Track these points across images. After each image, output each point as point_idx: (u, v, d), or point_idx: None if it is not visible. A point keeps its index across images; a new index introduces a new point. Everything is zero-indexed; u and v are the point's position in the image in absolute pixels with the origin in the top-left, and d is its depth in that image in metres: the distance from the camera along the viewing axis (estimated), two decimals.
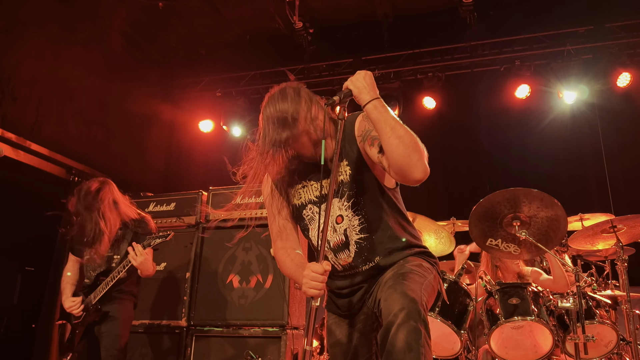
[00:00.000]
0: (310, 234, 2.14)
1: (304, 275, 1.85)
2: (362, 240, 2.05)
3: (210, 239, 4.49)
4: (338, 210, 2.07)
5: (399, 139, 1.83)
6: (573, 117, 6.34)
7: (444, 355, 3.53)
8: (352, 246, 2.06)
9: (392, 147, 1.83)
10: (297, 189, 2.16)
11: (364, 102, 1.90)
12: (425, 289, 1.87)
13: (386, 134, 1.84)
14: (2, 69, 5.03)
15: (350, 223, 2.05)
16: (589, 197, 6.12)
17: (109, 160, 6.23)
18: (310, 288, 1.82)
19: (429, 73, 6.57)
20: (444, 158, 6.91)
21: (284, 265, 2.11)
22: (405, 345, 1.67)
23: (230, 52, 7.21)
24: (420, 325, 1.70)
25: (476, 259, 4.44)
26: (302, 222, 2.17)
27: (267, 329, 4.05)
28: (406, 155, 1.82)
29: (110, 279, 3.41)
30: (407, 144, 1.83)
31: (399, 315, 1.71)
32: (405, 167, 1.84)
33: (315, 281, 1.82)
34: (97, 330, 3.43)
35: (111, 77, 6.33)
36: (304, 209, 2.15)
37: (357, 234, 2.05)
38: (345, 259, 2.08)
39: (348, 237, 2.06)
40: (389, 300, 1.80)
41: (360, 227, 2.05)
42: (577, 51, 6.16)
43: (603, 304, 3.54)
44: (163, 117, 7.41)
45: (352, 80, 1.95)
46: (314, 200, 2.11)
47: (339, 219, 2.06)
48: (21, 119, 5.20)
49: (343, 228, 2.06)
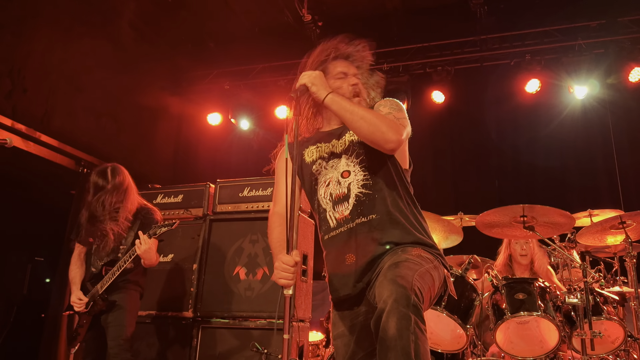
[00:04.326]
0: (317, 186, 2.25)
1: (275, 266, 2.00)
2: (363, 195, 2.12)
3: (217, 231, 4.51)
4: (345, 166, 2.18)
5: (362, 119, 2.03)
6: (584, 112, 6.28)
7: (450, 349, 3.52)
8: (352, 199, 2.12)
9: (359, 129, 2.05)
10: (311, 149, 2.31)
11: (323, 97, 2.10)
12: (419, 275, 1.84)
13: (349, 119, 2.06)
14: (13, 61, 5.06)
15: (355, 177, 2.15)
16: (599, 193, 6.07)
17: (117, 152, 6.26)
18: (280, 278, 1.97)
19: (438, 67, 6.52)
20: (453, 152, 6.88)
21: (272, 233, 2.23)
22: (396, 332, 1.66)
23: (238, 45, 7.21)
24: (409, 311, 1.69)
25: (485, 254, 4.43)
26: (312, 176, 2.27)
27: (273, 321, 4.05)
28: (372, 131, 2.02)
29: (116, 268, 3.43)
30: (369, 120, 2.03)
31: (388, 301, 1.71)
32: (376, 140, 2.03)
33: (285, 272, 1.96)
34: (104, 320, 3.46)
35: (120, 69, 6.36)
36: (313, 164, 2.27)
37: (359, 188, 2.13)
38: (342, 211, 2.14)
39: (350, 190, 2.14)
40: (379, 288, 1.82)
41: (363, 182, 2.13)
42: (588, 45, 6.09)
43: (611, 300, 3.51)
44: (171, 110, 7.43)
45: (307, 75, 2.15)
46: (323, 156, 2.26)
47: (345, 174, 2.17)
48: (31, 111, 5.24)
49: (347, 182, 2.15)
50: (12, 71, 5.05)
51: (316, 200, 2.23)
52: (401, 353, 1.64)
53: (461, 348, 3.47)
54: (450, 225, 4.28)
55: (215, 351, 4.16)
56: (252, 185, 4.51)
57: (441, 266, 2.07)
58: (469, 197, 6.58)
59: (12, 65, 5.05)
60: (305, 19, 6.26)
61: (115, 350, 3.35)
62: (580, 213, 4.55)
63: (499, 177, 6.57)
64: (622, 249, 4.11)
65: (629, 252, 3.66)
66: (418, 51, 6.67)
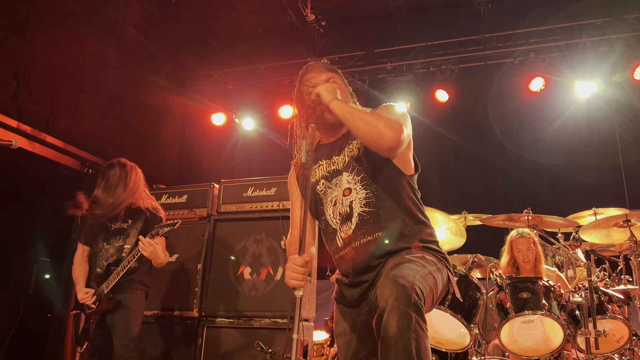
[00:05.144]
0: (324, 207, 2.25)
1: (286, 267, 2.00)
2: (366, 213, 2.11)
3: (222, 231, 4.53)
4: (347, 184, 2.17)
5: (360, 119, 2.04)
6: (588, 110, 6.25)
7: (454, 348, 3.52)
8: (355, 218, 2.12)
9: (357, 129, 2.05)
10: (314, 168, 2.30)
11: (328, 102, 2.11)
12: (421, 277, 1.86)
13: (349, 121, 2.06)
14: (18, 62, 5.09)
15: (357, 196, 2.14)
16: (604, 191, 6.04)
17: (122, 153, 6.21)
18: (290, 279, 1.97)
19: (442, 66, 6.50)
20: (457, 151, 6.87)
21: (289, 252, 2.26)
22: (397, 331, 1.67)
23: (242, 45, 7.22)
24: (410, 310, 1.70)
25: (489, 253, 4.42)
26: (317, 197, 2.28)
27: (277, 321, 4.07)
28: (368, 130, 2.01)
29: (120, 268, 3.45)
30: (367, 120, 2.03)
31: (389, 300, 1.73)
32: (374, 139, 2.02)
33: (295, 272, 1.95)
34: (110, 320, 3.47)
35: (125, 69, 6.38)
36: (317, 184, 2.28)
37: (362, 207, 2.12)
38: (346, 231, 2.14)
39: (352, 208, 2.13)
40: (381, 287, 1.84)
41: (365, 201, 2.12)
42: (593, 43, 6.06)
43: (616, 299, 3.49)
44: (176, 110, 7.46)
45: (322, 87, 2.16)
46: (325, 175, 2.26)
47: (347, 192, 2.17)
48: (36, 112, 5.27)
49: (349, 200, 2.15)
50: (17, 73, 5.08)
51: (324, 221, 2.24)
52: (402, 351, 1.66)
53: (465, 347, 3.47)
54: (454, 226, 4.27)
55: (220, 350, 4.18)
56: (256, 185, 4.52)
57: (445, 269, 2.09)
58: (474, 196, 6.57)
59: (17, 66, 5.08)
60: (308, 18, 6.27)
61: (122, 349, 3.37)
62: (585, 212, 4.54)
63: (504, 175, 6.56)
64: (627, 248, 4.10)
65: (634, 251, 3.65)
66: (422, 50, 6.65)
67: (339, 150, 2.24)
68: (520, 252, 3.98)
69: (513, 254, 4.04)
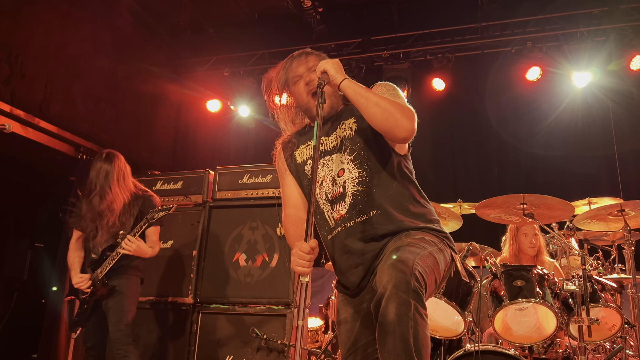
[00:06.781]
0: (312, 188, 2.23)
1: (292, 253, 1.94)
2: (359, 192, 2.07)
3: (217, 217, 4.52)
4: (340, 164, 2.14)
5: (376, 105, 1.97)
6: (584, 100, 6.26)
7: (448, 336, 3.54)
8: (348, 197, 2.09)
9: (372, 115, 1.98)
10: (301, 148, 2.28)
11: (339, 81, 2.03)
12: (421, 259, 1.82)
13: (363, 105, 1.99)
14: (11, 46, 5.03)
15: (350, 175, 2.10)
16: (599, 181, 6.07)
17: (116, 139, 6.24)
18: (297, 266, 1.91)
19: (439, 54, 6.48)
20: (453, 140, 6.87)
21: (288, 233, 2.20)
22: (396, 318, 1.65)
23: (238, 31, 7.16)
24: (409, 297, 1.67)
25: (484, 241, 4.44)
26: (305, 177, 2.24)
27: (272, 307, 4.09)
28: (385, 117, 1.96)
29: (115, 253, 3.45)
30: (384, 107, 1.97)
31: (387, 287, 1.70)
32: (390, 128, 1.98)
33: (302, 259, 1.90)
34: (105, 305, 3.48)
35: (119, 55, 6.32)
36: (305, 165, 2.24)
37: (355, 186, 2.09)
38: (339, 210, 2.11)
39: (346, 188, 2.10)
40: (380, 273, 1.81)
41: (358, 180, 2.09)
42: (590, 33, 6.05)
43: (609, 287, 3.52)
44: (171, 96, 7.40)
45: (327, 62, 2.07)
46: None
47: (341, 172, 2.13)
48: (30, 96, 5.22)
49: (343, 180, 2.11)
50: (10, 57, 5.02)
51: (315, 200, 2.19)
52: (399, 339, 1.65)
53: (459, 334, 3.49)
54: (448, 212, 4.28)
55: (215, 336, 4.19)
56: (251, 172, 4.51)
57: (447, 248, 2.05)
58: (469, 185, 6.58)
59: (10, 50, 5.02)
60: (305, 4, 6.22)
61: (116, 335, 3.38)
62: (579, 201, 4.56)
63: (499, 164, 6.57)
64: (621, 237, 4.13)
65: (628, 240, 3.68)
66: (419, 38, 6.63)
67: (326, 132, 2.20)
68: (527, 236, 3.99)
69: (519, 239, 4.04)
